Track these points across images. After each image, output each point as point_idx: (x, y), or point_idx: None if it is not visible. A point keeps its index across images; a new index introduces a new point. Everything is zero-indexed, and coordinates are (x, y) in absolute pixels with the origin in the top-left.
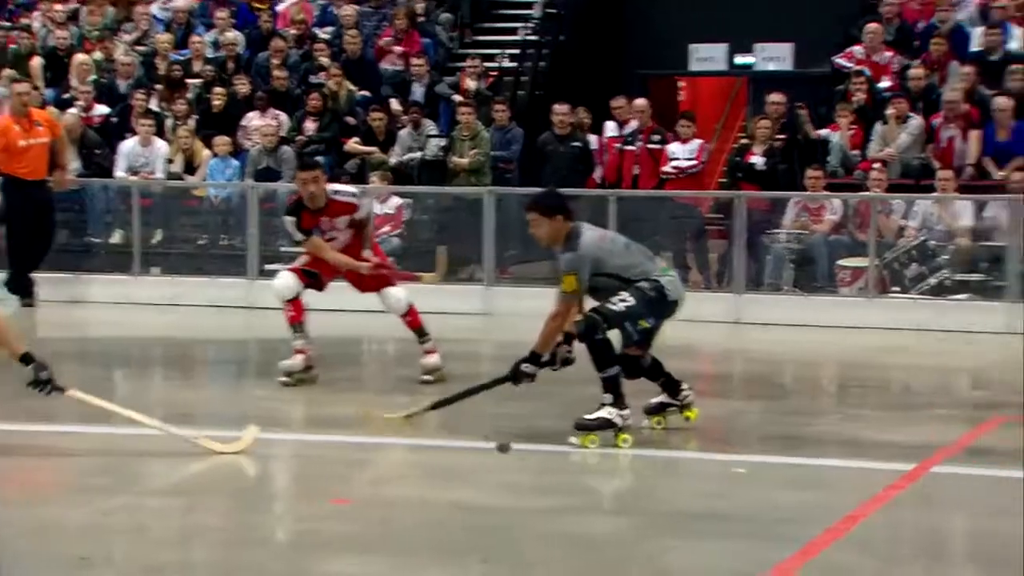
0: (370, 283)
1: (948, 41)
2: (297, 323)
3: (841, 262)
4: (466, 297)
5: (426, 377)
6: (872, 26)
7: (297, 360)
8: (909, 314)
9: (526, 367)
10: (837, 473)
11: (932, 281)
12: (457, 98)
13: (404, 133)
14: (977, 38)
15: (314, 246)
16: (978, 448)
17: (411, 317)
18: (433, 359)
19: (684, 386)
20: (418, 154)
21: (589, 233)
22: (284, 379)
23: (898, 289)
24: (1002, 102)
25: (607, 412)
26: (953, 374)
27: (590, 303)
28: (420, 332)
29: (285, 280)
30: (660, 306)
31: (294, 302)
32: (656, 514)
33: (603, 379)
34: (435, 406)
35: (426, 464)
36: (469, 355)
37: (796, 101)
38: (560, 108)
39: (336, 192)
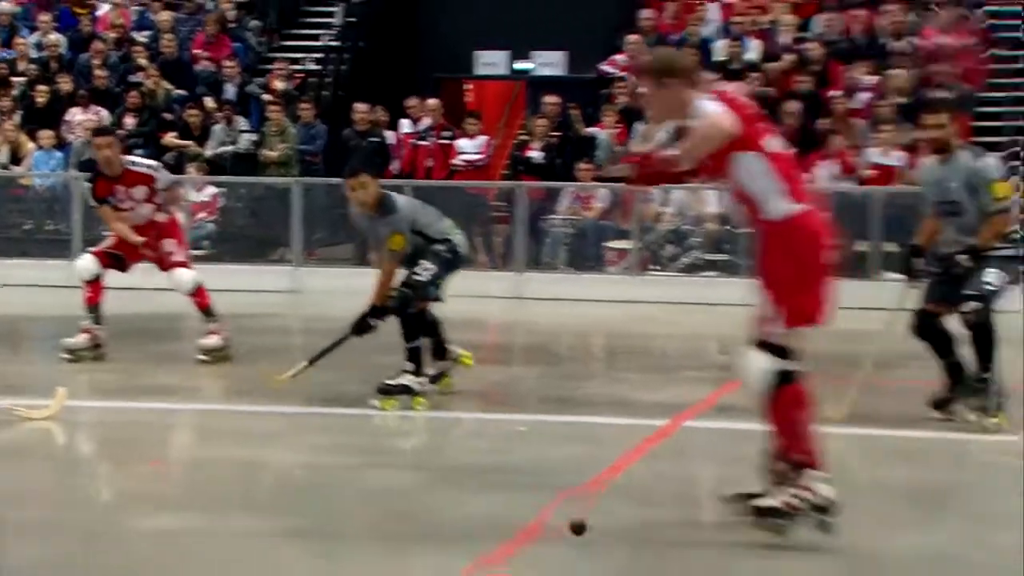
0: (163, 263)
1: (698, 51)
2: (92, 304)
3: (608, 244)
4: (277, 277)
5: (202, 357)
6: (633, 37)
7: (81, 339)
8: (666, 290)
9: (370, 320)
10: (605, 429)
11: (685, 260)
12: (266, 97)
13: (218, 128)
14: (720, 49)
15: (104, 214)
16: (723, 405)
17: (199, 298)
18: (212, 340)
19: (451, 346)
20: (231, 147)
21: (399, 197)
22: (65, 355)
23: (657, 268)
24: None
25: (408, 379)
26: (703, 341)
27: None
28: (207, 313)
29: (85, 262)
30: (454, 263)
31: (93, 284)
32: (447, 469)
33: (408, 349)
34: (311, 362)
35: (236, 427)
36: (280, 329)
37: (569, 102)
38: (360, 107)
39: (133, 163)
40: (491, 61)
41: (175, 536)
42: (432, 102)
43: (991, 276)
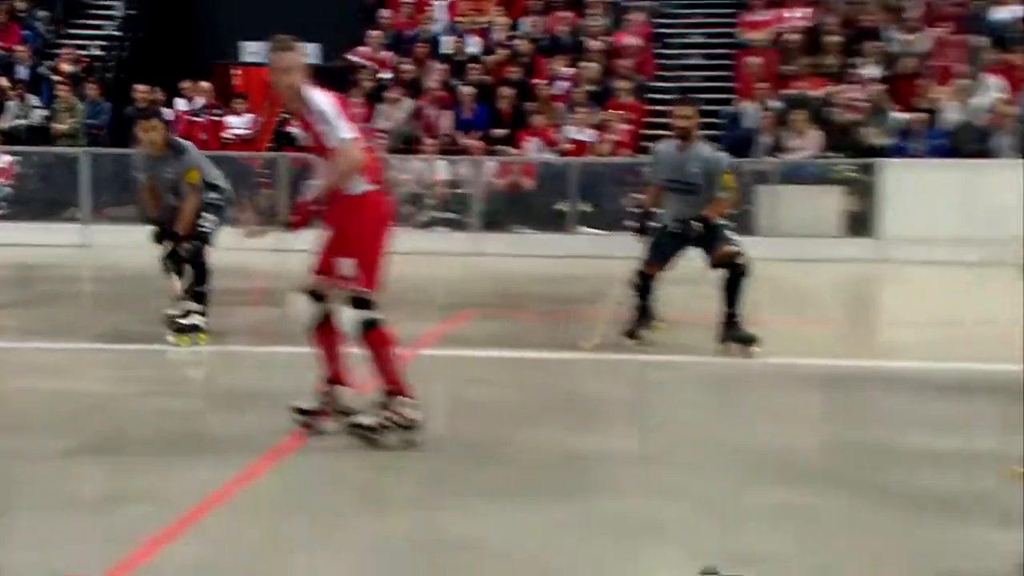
0: None
1: (428, 45)
2: None
3: None
4: (68, 234)
5: None
6: (374, 33)
7: None
8: (407, 243)
9: (187, 245)
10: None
11: (422, 218)
12: (55, 78)
13: (12, 104)
14: (447, 44)
15: None
16: (453, 335)
17: None
18: None
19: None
20: (24, 121)
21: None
22: None
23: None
24: (465, 90)
25: (197, 319)
26: (436, 283)
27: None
28: None
29: None
30: (225, 211)
31: None
32: (220, 394)
33: (197, 292)
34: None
35: (36, 363)
36: (71, 277)
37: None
38: (140, 87)
39: None
40: (255, 51)
41: None
42: (204, 84)
43: (729, 234)
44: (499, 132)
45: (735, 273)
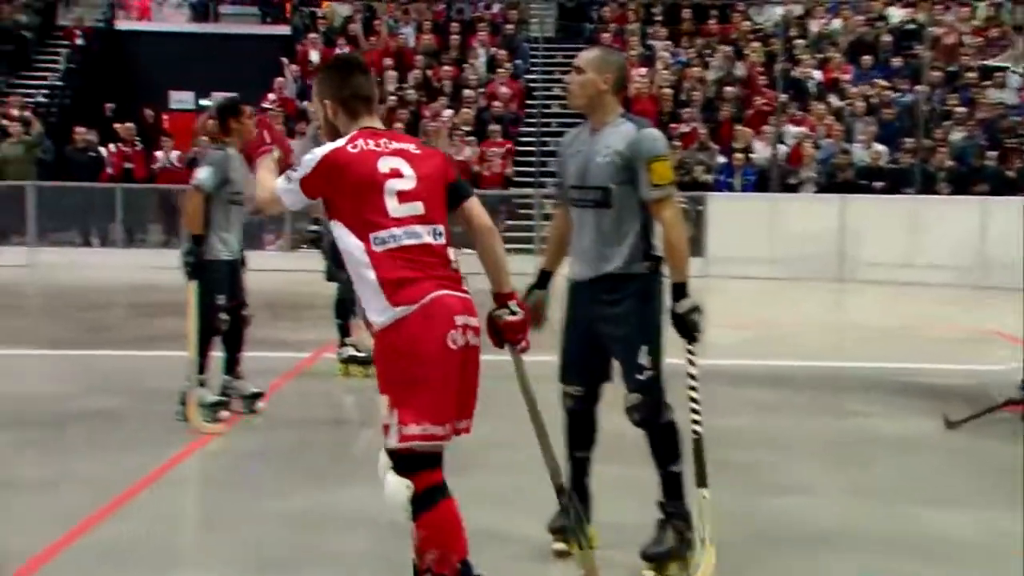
0: None
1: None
2: None
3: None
4: (15, 255)
5: None
6: (280, 80)
7: None
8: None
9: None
10: (258, 361)
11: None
12: (4, 121)
13: None
14: None
15: None
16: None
17: None
18: None
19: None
20: None
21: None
22: None
23: (303, 247)
24: None
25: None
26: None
27: None
28: None
29: None
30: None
31: None
32: (145, 392)
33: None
34: None
35: None
36: (18, 292)
37: None
38: (80, 130)
39: None
40: (181, 99)
41: None
42: (130, 126)
43: None
44: None
45: None
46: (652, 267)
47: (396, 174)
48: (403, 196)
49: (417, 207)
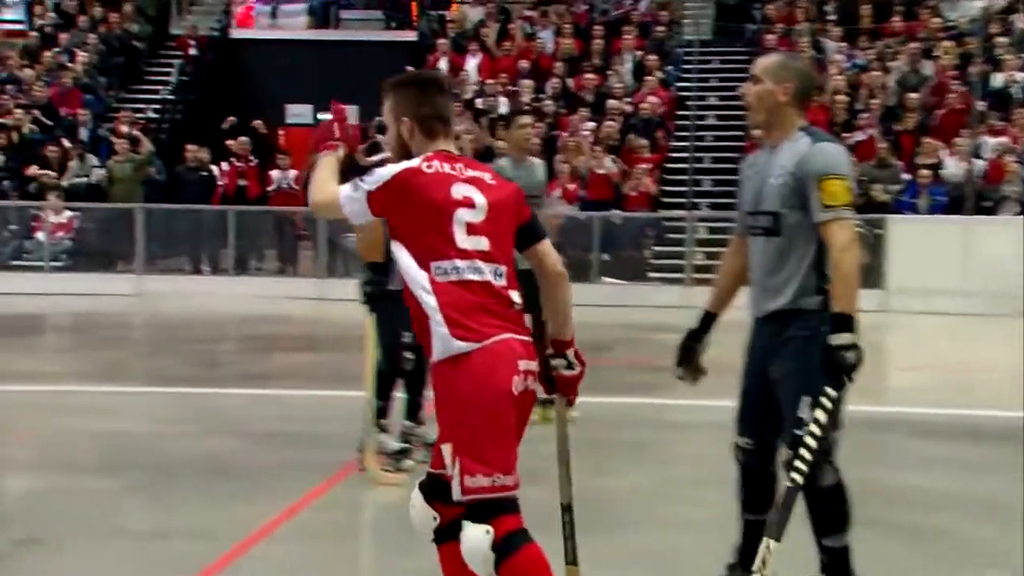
0: None
1: (462, 105)
2: None
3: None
4: (123, 283)
5: None
6: None
7: None
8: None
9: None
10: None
11: None
12: (114, 139)
13: (73, 164)
14: (479, 104)
15: None
16: None
17: None
18: None
19: None
20: (84, 179)
21: None
22: None
23: None
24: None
25: None
26: None
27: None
28: None
29: None
30: None
31: None
32: (259, 435)
33: None
34: None
35: (88, 404)
36: (125, 323)
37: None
38: (191, 147)
39: None
40: (298, 112)
41: (44, 493)
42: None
43: None
44: None
45: None
46: (825, 303)
47: (468, 203)
48: (471, 228)
49: (482, 243)
